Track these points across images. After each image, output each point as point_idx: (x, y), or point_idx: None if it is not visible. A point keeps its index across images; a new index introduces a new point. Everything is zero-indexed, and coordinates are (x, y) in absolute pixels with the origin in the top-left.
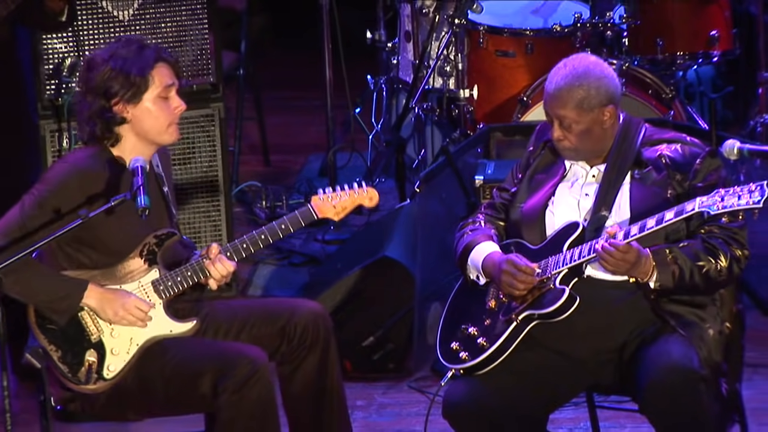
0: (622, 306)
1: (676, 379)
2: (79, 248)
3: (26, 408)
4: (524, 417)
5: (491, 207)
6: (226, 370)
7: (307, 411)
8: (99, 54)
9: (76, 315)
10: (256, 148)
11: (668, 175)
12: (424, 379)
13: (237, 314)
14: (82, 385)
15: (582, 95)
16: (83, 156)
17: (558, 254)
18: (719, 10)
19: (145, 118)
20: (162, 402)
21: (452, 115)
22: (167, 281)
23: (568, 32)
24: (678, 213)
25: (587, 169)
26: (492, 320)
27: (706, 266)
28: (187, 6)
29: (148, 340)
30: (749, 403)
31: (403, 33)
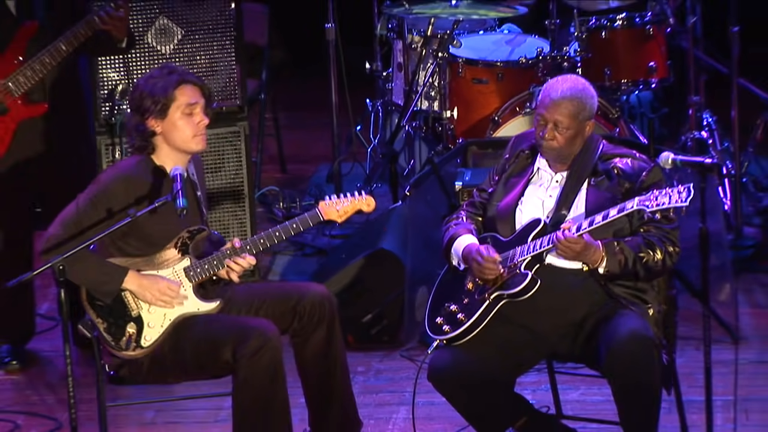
0: (577, 289)
1: (636, 345)
2: (126, 240)
3: (85, 373)
4: (495, 380)
5: (472, 205)
6: (242, 341)
7: (317, 375)
8: (139, 79)
9: (119, 294)
10: (274, 159)
11: (618, 183)
12: (413, 349)
13: (256, 295)
14: (123, 352)
15: (578, 107)
16: (129, 164)
17: (523, 245)
18: (657, 45)
19: (172, 131)
20: (192, 367)
21: (436, 132)
22: (196, 268)
23: (531, 63)
24: (620, 210)
25: (552, 175)
26: (469, 299)
27: (645, 257)
28: (218, 42)
29: (179, 317)
30: (681, 369)
31: (395, 64)
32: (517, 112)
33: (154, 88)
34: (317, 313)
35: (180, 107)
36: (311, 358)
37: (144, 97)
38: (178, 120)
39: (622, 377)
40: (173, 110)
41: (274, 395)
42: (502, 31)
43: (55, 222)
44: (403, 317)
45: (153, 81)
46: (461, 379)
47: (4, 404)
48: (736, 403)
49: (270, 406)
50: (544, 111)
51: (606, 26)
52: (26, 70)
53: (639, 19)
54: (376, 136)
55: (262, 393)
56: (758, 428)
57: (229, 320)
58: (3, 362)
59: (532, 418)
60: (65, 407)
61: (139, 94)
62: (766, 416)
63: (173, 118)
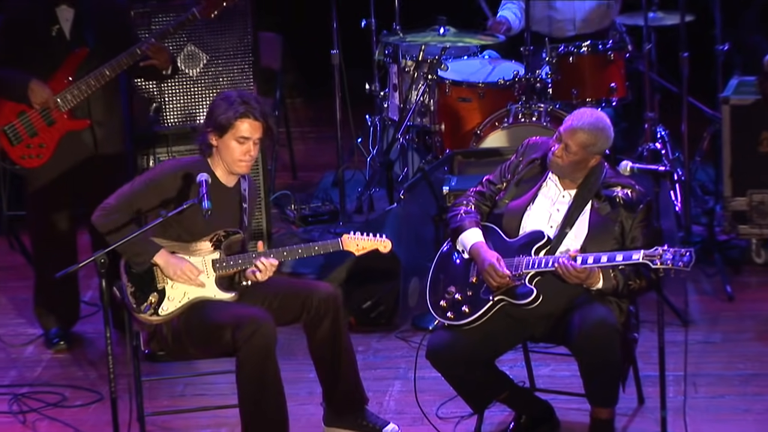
0: (561, 288)
1: (601, 330)
2: (170, 225)
3: (123, 352)
4: (483, 360)
5: (481, 194)
6: (239, 326)
7: (325, 359)
8: (223, 93)
9: (150, 267)
10: (287, 167)
11: (618, 212)
12: (406, 331)
13: (270, 289)
14: (141, 314)
15: (591, 141)
16: (189, 161)
17: (528, 257)
18: (617, 69)
19: (223, 150)
20: (200, 344)
21: (427, 144)
22: (223, 262)
23: (509, 84)
24: (626, 258)
25: (561, 191)
26: (474, 293)
27: (633, 285)
28: (237, 66)
29: (196, 298)
30: (638, 348)
31: (391, 85)
32: (496, 126)
33: (223, 110)
34: (323, 308)
35: (235, 135)
36: (320, 345)
37: (214, 113)
38: (230, 143)
39: (588, 356)
40: (229, 135)
41: (266, 371)
42: (483, 57)
43: (113, 194)
44: (397, 304)
45: (226, 103)
46: (455, 358)
47: (53, 379)
48: (686, 378)
49: (263, 380)
50: (563, 132)
51: (573, 52)
52: (74, 89)
53: (601, 46)
54: (374, 147)
55: (256, 370)
56: (705, 399)
57: (232, 308)
58: (52, 343)
59: (512, 391)
60: (106, 382)
61: (214, 108)
62: (711, 389)
63: (227, 141)
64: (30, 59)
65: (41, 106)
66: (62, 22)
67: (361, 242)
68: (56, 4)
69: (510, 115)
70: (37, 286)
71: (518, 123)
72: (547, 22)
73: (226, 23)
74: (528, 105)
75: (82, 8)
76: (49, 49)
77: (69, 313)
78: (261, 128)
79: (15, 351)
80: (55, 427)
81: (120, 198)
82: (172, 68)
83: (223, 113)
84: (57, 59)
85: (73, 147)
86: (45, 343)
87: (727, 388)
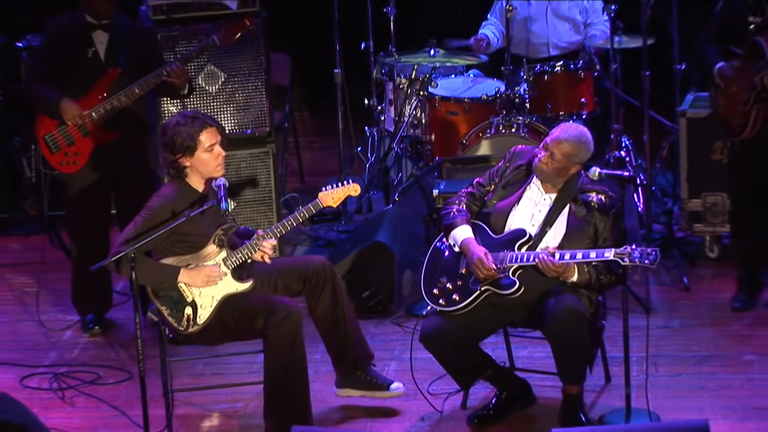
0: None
1: (571, 317)
2: (176, 246)
3: (150, 336)
4: (470, 342)
5: (471, 195)
6: (271, 313)
7: (329, 326)
8: (167, 123)
9: (176, 287)
10: (295, 172)
11: (593, 215)
12: (401, 317)
13: (273, 269)
14: (184, 330)
15: (575, 152)
16: (170, 191)
17: (512, 252)
18: (586, 86)
19: (199, 164)
20: (234, 333)
21: (418, 152)
22: (232, 257)
23: (491, 99)
24: (598, 255)
25: (543, 193)
26: (463, 283)
27: (603, 279)
28: (252, 83)
29: (223, 297)
30: (606, 333)
31: (387, 100)
32: (480, 137)
33: (182, 134)
34: (321, 276)
35: (204, 147)
36: (323, 314)
37: (175, 140)
38: (203, 156)
39: (559, 340)
40: (199, 150)
41: (294, 353)
42: (468, 75)
43: (118, 240)
44: (393, 293)
45: (180, 128)
46: (446, 341)
47: (89, 360)
48: (648, 359)
49: (290, 363)
50: (550, 141)
51: (548, 71)
52: (107, 105)
53: (573, 66)
54: (372, 155)
55: (284, 353)
56: (665, 378)
57: (261, 298)
58: (88, 328)
59: (494, 370)
60: (135, 362)
61: (170, 138)
62: (670, 368)
63: (199, 156)
64: (68, 77)
65: (72, 122)
66: (97, 45)
67: (335, 194)
68: (92, 29)
69: (492, 127)
70: (75, 278)
71: (499, 134)
72: (525, 45)
73: (242, 46)
74: (508, 118)
75: (115, 33)
76: (85, 68)
77: (103, 301)
78: (217, 131)
79: (55, 335)
80: (90, 402)
81: (126, 241)
82: (188, 89)
83: (185, 137)
84: (92, 77)
85: (105, 156)
86: (81, 328)
87: (684, 367)
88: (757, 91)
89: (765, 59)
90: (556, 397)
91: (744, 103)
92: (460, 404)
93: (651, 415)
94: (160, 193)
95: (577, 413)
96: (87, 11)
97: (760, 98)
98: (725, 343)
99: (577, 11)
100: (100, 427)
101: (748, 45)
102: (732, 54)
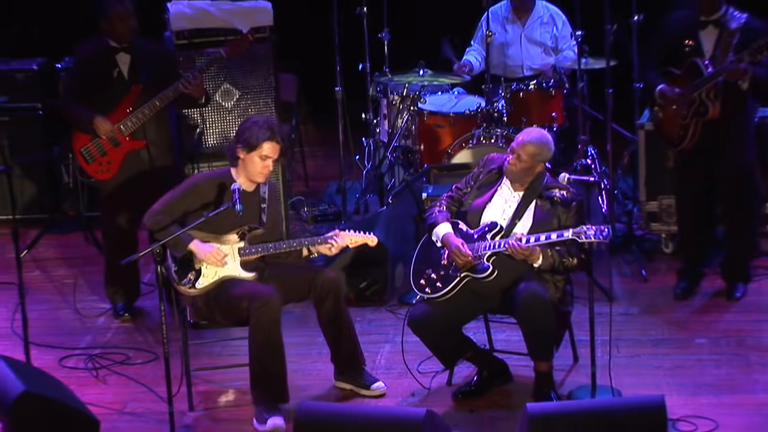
0: (511, 271)
1: (537, 302)
2: (205, 223)
3: (173, 322)
4: (453, 327)
5: (451, 198)
6: (253, 299)
7: (330, 330)
8: (251, 118)
9: (189, 252)
10: (301, 178)
11: (556, 209)
12: (393, 306)
13: (286, 271)
14: (181, 286)
15: (538, 151)
16: (219, 172)
17: (486, 241)
18: (557, 102)
19: (248, 163)
20: (225, 310)
21: (409, 160)
22: (246, 250)
23: (473, 114)
24: (559, 236)
25: (512, 191)
26: (445, 272)
27: (566, 262)
28: (263, 100)
29: (225, 276)
30: (574, 319)
31: (382, 114)
32: (463, 146)
33: (253, 132)
34: (327, 288)
35: (259, 153)
36: (325, 318)
37: (245, 133)
38: (255, 159)
39: (527, 323)
40: (255, 153)
41: (272, 336)
42: (453, 92)
43: (158, 201)
44: (386, 284)
45: (255, 127)
46: (431, 326)
47: (120, 343)
48: (611, 342)
49: (270, 343)
50: (516, 146)
51: (523, 89)
52: (133, 117)
53: (545, 84)
54: (369, 163)
55: (264, 334)
56: (626, 358)
57: (250, 285)
58: (119, 315)
59: (475, 352)
60: (160, 344)
61: (244, 129)
62: (630, 350)
63: (252, 157)
64: (97, 95)
65: (106, 136)
66: (121, 66)
67: (354, 238)
68: (115, 52)
69: (474, 138)
70: (107, 271)
71: (480, 144)
72: (502, 67)
73: (254, 66)
74: (488, 130)
75: (136, 54)
76: (111, 87)
77: (131, 291)
78: (279, 149)
79: (90, 321)
80: (121, 380)
81: (164, 204)
82: (206, 98)
83: (253, 135)
84: (118, 94)
85: (134, 162)
86: (113, 315)
87: (643, 349)
88: (696, 106)
89: (703, 77)
90: (530, 376)
91: (683, 117)
92: (446, 381)
93: (614, 391)
94: (209, 172)
95: (549, 390)
96: (110, 37)
97: (698, 112)
98: (678, 328)
99: (548, 37)
100: (129, 402)
101: (686, 65)
102: (672, 74)
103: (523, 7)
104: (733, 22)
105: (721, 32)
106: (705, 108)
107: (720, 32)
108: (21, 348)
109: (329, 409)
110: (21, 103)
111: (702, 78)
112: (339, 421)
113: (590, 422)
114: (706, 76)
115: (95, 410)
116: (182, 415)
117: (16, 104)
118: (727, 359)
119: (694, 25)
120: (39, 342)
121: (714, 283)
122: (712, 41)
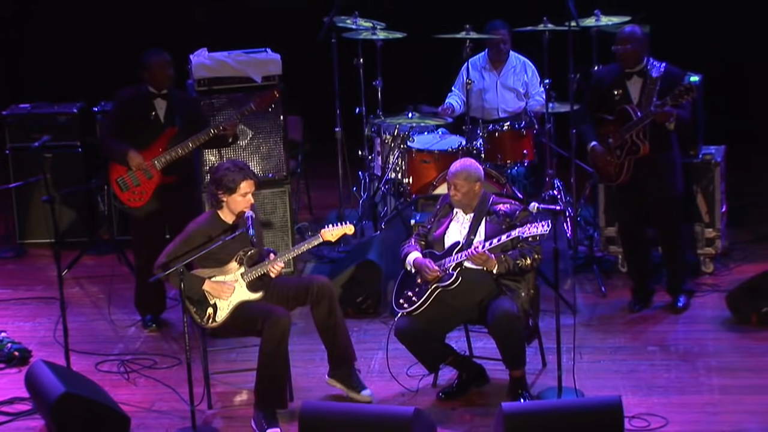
0: (479, 283)
1: (507, 318)
2: (205, 260)
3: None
4: (435, 336)
5: (418, 235)
6: (266, 318)
7: (325, 327)
8: (223, 164)
9: (203, 293)
10: (305, 207)
11: (503, 219)
12: (386, 317)
13: (285, 285)
14: (205, 324)
15: (467, 174)
16: (205, 218)
17: (450, 257)
18: (527, 140)
19: (232, 203)
20: (242, 328)
21: (399, 191)
22: (248, 273)
23: (455, 151)
24: (507, 236)
25: (464, 216)
26: (420, 289)
27: (520, 263)
28: (272, 138)
29: (238, 303)
30: (543, 329)
31: (375, 152)
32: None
33: (229, 177)
34: (320, 292)
35: (240, 193)
36: (320, 319)
37: (222, 179)
38: (237, 198)
39: (499, 337)
40: (236, 194)
41: (280, 350)
42: (437, 132)
43: (163, 252)
44: (380, 299)
45: (229, 172)
46: (415, 335)
47: (148, 350)
48: (575, 349)
49: (276, 356)
50: (449, 179)
51: (498, 129)
52: (166, 155)
53: (517, 125)
54: (365, 193)
55: (272, 348)
56: (588, 363)
57: (264, 306)
58: (147, 325)
59: (455, 358)
60: (183, 351)
61: (220, 176)
62: (592, 356)
63: (234, 197)
64: (135, 135)
65: (137, 168)
66: (158, 110)
67: (334, 231)
68: (153, 97)
69: None
70: (137, 287)
71: None
72: (480, 110)
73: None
74: None
75: (171, 100)
76: (148, 127)
77: (158, 305)
78: (255, 184)
79: (122, 330)
80: (149, 382)
81: (167, 254)
82: (233, 139)
83: (229, 179)
84: (154, 134)
85: (164, 193)
86: (142, 326)
87: (603, 355)
88: (629, 146)
89: (633, 121)
90: (505, 379)
91: (618, 156)
92: (431, 383)
93: (577, 392)
94: (196, 221)
95: (521, 391)
96: (150, 84)
97: (631, 151)
98: (633, 337)
99: (520, 84)
100: (156, 401)
101: (618, 112)
102: (605, 120)
103: (499, 58)
104: (654, 71)
105: (645, 81)
106: (636, 147)
107: (644, 81)
108: (62, 354)
109: (330, 407)
110: (62, 141)
111: (633, 121)
112: (338, 417)
113: (557, 419)
114: (636, 120)
115: (126, 408)
116: (202, 412)
117: (58, 142)
118: (676, 364)
119: (621, 77)
120: (78, 349)
121: (664, 297)
122: (638, 89)
